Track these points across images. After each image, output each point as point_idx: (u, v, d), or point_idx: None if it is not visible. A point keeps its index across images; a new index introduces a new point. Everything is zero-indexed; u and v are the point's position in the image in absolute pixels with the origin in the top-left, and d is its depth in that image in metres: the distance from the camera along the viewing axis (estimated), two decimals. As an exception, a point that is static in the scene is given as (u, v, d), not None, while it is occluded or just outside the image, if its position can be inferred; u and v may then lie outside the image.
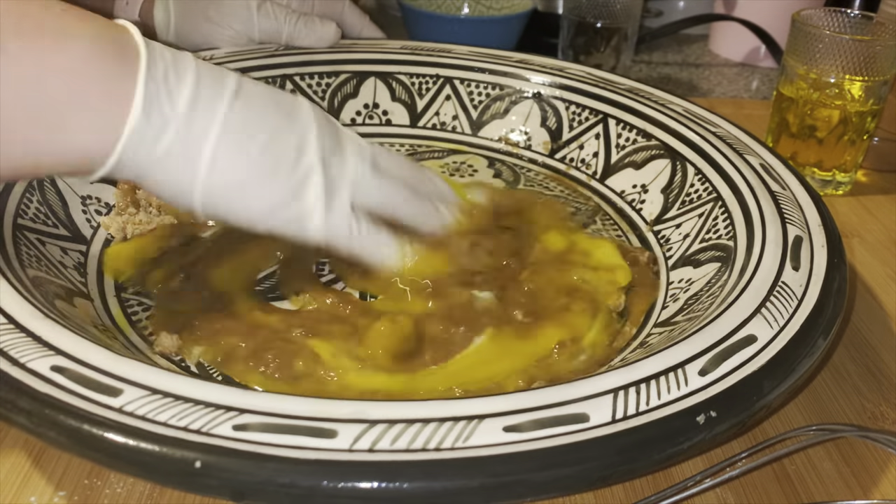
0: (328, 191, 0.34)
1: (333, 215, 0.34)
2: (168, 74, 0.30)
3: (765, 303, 0.33)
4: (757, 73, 0.85)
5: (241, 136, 0.32)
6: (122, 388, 0.27)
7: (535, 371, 0.36)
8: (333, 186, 0.34)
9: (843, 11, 0.56)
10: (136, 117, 0.29)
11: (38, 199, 0.41)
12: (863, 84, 0.54)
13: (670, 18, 0.95)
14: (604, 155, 0.53)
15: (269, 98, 0.34)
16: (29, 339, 0.29)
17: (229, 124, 0.31)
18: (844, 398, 0.38)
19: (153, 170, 0.30)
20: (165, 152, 0.30)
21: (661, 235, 0.46)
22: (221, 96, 0.31)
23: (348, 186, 0.35)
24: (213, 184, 0.31)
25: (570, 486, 0.27)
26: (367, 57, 0.58)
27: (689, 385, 0.29)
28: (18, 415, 0.26)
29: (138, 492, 0.31)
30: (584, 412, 0.27)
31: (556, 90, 0.55)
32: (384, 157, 0.37)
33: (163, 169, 0.30)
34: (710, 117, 0.51)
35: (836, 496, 0.33)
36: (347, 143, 0.36)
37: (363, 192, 0.35)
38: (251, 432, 0.26)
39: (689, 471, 0.33)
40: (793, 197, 0.42)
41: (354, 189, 0.35)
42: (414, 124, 0.58)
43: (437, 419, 0.26)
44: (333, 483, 0.24)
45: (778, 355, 0.30)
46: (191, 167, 0.31)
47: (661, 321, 0.38)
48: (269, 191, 0.32)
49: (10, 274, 0.33)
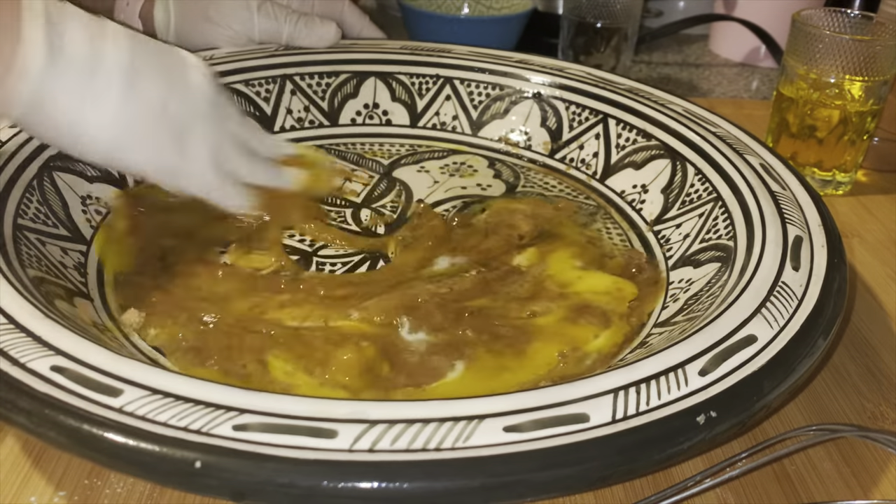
0: (210, 154, 0.39)
1: (208, 174, 0.39)
2: (55, 13, 0.32)
3: (765, 303, 0.33)
4: (757, 73, 0.85)
5: (146, 84, 0.35)
6: (122, 388, 0.27)
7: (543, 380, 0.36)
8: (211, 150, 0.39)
9: (843, 11, 0.56)
10: (39, 46, 0.31)
11: (38, 199, 0.41)
12: (863, 84, 0.54)
13: (670, 18, 0.95)
14: (604, 155, 0.53)
15: (162, 49, 0.38)
16: (29, 339, 0.29)
17: (134, 68, 0.34)
18: (844, 398, 0.38)
19: (51, 109, 0.33)
20: (67, 90, 0.32)
21: (662, 235, 0.46)
22: (121, 37, 0.35)
23: (224, 153, 0.40)
24: (119, 132, 0.35)
25: (570, 486, 0.27)
26: (367, 57, 0.58)
27: (689, 385, 0.29)
28: (18, 415, 0.26)
29: (138, 492, 0.31)
30: (584, 412, 0.27)
31: (556, 90, 0.55)
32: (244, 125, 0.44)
33: (61, 109, 0.33)
34: (710, 117, 0.51)
35: (836, 496, 0.33)
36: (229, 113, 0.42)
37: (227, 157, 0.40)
38: (251, 432, 0.26)
39: (689, 471, 0.33)
40: (793, 197, 0.42)
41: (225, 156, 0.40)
42: (414, 124, 0.58)
43: (437, 419, 0.26)
44: (333, 483, 0.24)
45: (778, 355, 0.30)
46: (96, 109, 0.34)
47: (661, 321, 0.38)
48: (163, 146, 0.37)
49: (10, 274, 0.33)
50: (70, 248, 0.41)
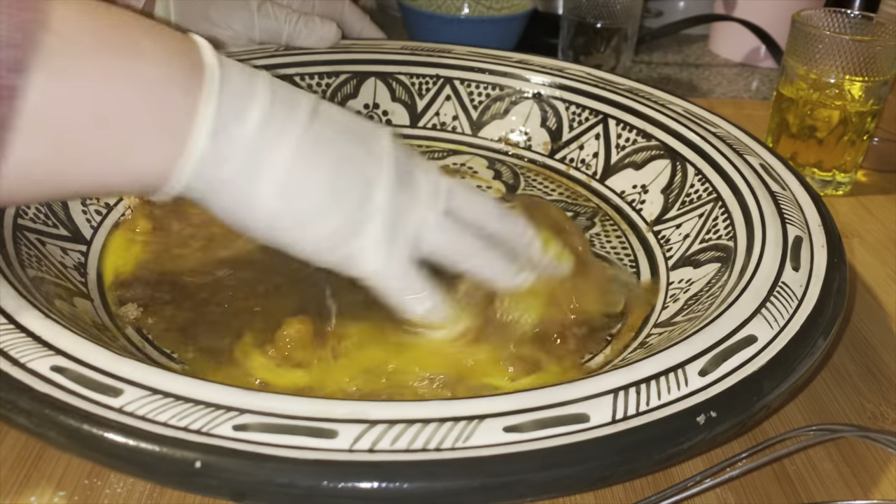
0: (390, 234, 0.32)
1: (390, 261, 0.32)
2: (241, 93, 0.29)
3: (765, 303, 0.33)
4: (757, 73, 0.85)
5: (310, 164, 0.30)
6: (122, 388, 0.27)
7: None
8: (396, 230, 0.32)
9: (843, 12, 0.56)
10: (202, 139, 0.28)
11: (38, 199, 0.41)
12: (863, 84, 0.54)
13: (670, 18, 0.95)
14: (604, 155, 0.53)
15: (344, 124, 0.32)
16: (29, 339, 0.29)
17: (299, 150, 0.30)
18: (844, 398, 0.38)
19: (218, 192, 0.30)
20: (231, 175, 0.29)
21: (662, 236, 0.46)
22: (293, 120, 0.30)
23: (412, 232, 0.32)
24: (276, 214, 0.30)
25: (570, 486, 0.27)
26: (367, 57, 0.58)
27: (689, 385, 0.29)
28: (18, 415, 0.26)
29: (138, 492, 0.31)
30: (584, 412, 0.27)
31: (556, 90, 0.55)
32: (462, 198, 0.34)
33: (228, 192, 0.29)
34: (710, 117, 0.51)
35: (836, 496, 0.33)
36: (422, 180, 0.33)
37: (428, 239, 0.33)
38: (251, 432, 0.26)
39: (689, 471, 0.33)
40: (793, 197, 0.42)
41: (418, 235, 0.33)
42: (414, 125, 0.58)
43: (438, 419, 0.26)
44: (333, 483, 0.24)
45: (778, 355, 0.30)
46: (256, 193, 0.30)
47: (661, 321, 0.38)
48: (331, 224, 0.31)
49: (10, 274, 0.33)
50: (70, 248, 0.41)
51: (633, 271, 0.44)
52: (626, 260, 0.45)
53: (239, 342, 0.36)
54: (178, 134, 0.28)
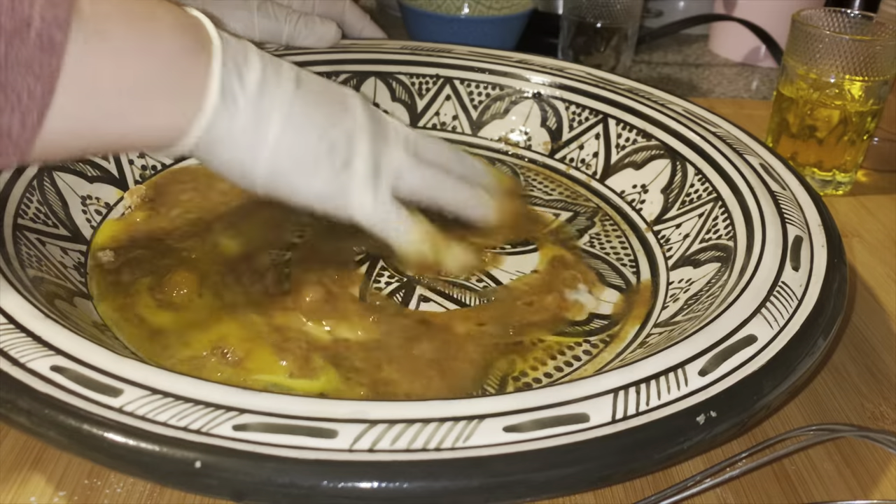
0: (374, 175, 0.36)
1: (377, 198, 0.36)
2: (238, 59, 0.33)
3: (765, 303, 0.33)
4: (757, 73, 0.85)
5: (302, 120, 0.34)
6: (122, 388, 0.27)
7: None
8: (379, 171, 0.36)
9: (843, 11, 0.56)
10: (214, 98, 0.31)
11: (38, 199, 0.41)
12: (863, 84, 0.54)
13: (670, 18, 0.95)
14: (604, 155, 0.53)
15: (324, 86, 0.37)
16: (29, 339, 0.29)
17: (293, 107, 0.34)
18: (844, 398, 0.38)
19: (222, 148, 0.33)
20: (236, 131, 0.32)
21: (662, 235, 0.46)
22: (287, 80, 0.34)
23: (392, 173, 0.37)
24: (276, 164, 0.34)
25: (570, 486, 0.27)
26: (367, 57, 0.58)
27: (689, 385, 0.29)
28: (18, 415, 0.26)
29: (138, 492, 0.31)
30: (584, 412, 0.27)
31: (556, 90, 0.55)
32: (425, 144, 0.40)
33: (231, 147, 0.33)
34: (710, 117, 0.51)
35: (836, 496, 0.33)
36: (391, 131, 0.38)
37: (406, 178, 0.38)
38: (251, 432, 0.26)
39: (689, 471, 0.33)
40: (793, 197, 0.42)
41: (398, 175, 0.37)
42: (414, 124, 0.58)
43: (437, 419, 0.27)
44: (333, 483, 0.24)
45: (778, 355, 0.30)
46: (257, 147, 0.33)
47: (661, 321, 0.38)
48: (324, 174, 0.35)
49: (10, 274, 0.33)
50: (70, 248, 0.41)
51: (633, 271, 0.44)
52: (626, 260, 0.45)
53: (142, 281, 0.40)
54: (194, 93, 0.31)
